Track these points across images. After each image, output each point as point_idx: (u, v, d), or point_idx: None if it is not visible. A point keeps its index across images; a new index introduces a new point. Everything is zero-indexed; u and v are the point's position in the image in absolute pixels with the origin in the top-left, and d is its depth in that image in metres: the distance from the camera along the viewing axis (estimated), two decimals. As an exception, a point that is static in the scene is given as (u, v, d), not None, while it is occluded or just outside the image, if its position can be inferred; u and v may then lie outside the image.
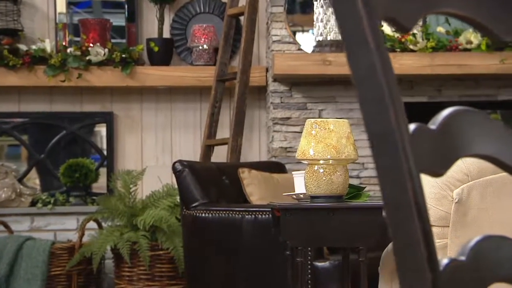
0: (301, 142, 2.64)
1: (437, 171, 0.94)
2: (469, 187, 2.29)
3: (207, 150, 4.93)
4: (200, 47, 5.15)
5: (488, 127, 1.02)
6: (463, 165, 2.25)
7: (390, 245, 2.74)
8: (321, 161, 2.59)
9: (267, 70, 5.11)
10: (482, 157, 1.04)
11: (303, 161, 2.67)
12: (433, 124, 0.94)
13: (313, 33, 4.83)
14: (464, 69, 4.60)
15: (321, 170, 2.60)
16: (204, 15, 5.34)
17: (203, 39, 5.14)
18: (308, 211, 2.63)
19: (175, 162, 3.98)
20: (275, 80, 4.87)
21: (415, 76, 4.72)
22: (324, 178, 2.59)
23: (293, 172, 2.91)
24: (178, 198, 4.61)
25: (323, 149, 2.58)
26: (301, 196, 2.79)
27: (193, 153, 5.21)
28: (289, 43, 4.87)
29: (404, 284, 0.92)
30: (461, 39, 4.64)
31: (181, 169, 3.90)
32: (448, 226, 2.35)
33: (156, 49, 5.15)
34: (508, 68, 4.59)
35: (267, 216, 3.60)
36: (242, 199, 4.06)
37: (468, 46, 4.63)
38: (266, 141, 5.24)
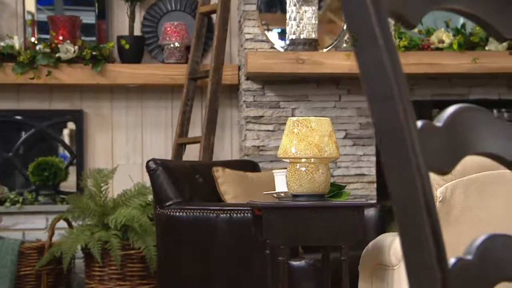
0: (283, 140, 2.62)
1: (444, 169, 0.93)
2: (453, 186, 2.29)
3: (179, 148, 4.90)
4: (172, 45, 5.11)
5: (492, 124, 1.02)
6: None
7: (370, 244, 2.73)
8: (303, 160, 2.58)
9: (239, 69, 5.09)
10: (487, 155, 1.04)
11: (285, 160, 2.66)
12: (438, 122, 0.93)
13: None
14: (436, 68, 4.62)
15: (303, 169, 2.59)
16: (176, 12, 5.30)
17: (174, 37, 5.10)
18: (291, 210, 2.61)
19: (149, 161, 3.95)
20: (248, 78, 4.85)
21: (388, 75, 4.72)
22: (306, 177, 2.57)
23: (273, 171, 2.89)
24: (150, 197, 4.58)
25: (305, 148, 2.57)
26: (282, 194, 2.77)
27: (165, 152, 5.17)
28: (262, 41, 4.85)
29: (413, 284, 0.90)
30: (433, 38, 4.65)
31: (154, 168, 3.87)
32: (432, 225, 2.35)
33: (127, 46, 5.10)
34: (479, 68, 4.63)
35: (242, 215, 3.58)
36: (216, 198, 4.03)
37: (440, 46, 4.65)
38: (238, 139, 5.22)
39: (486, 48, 4.66)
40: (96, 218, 4.56)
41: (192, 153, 4.94)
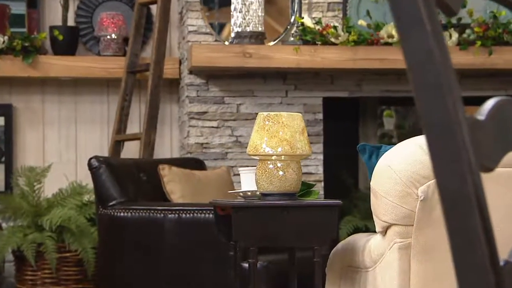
0: (252, 137, 2.49)
1: (488, 165, 0.83)
2: (434, 184, 2.19)
3: (117, 145, 4.68)
4: (108, 37, 4.89)
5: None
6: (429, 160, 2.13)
7: (339, 244, 2.62)
8: (274, 157, 2.45)
9: (180, 62, 4.90)
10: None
11: (254, 157, 2.52)
12: (480, 115, 0.83)
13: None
14: (385, 63, 4.51)
15: (274, 166, 2.46)
16: (111, 2, 5.08)
17: (111, 28, 4.88)
18: (262, 209, 2.48)
19: (91, 158, 3.76)
20: (191, 72, 4.67)
21: (337, 70, 4.62)
22: (277, 175, 2.45)
23: (239, 169, 2.75)
24: (86, 197, 4.39)
25: (277, 144, 2.44)
26: (249, 194, 2.64)
27: (100, 149, 4.94)
28: (206, 33, 4.67)
29: (463, 287, 0.80)
30: (382, 33, 4.55)
31: (97, 166, 3.67)
32: (412, 225, 2.25)
33: (60, 37, 4.86)
34: (427, 63, 4.54)
35: (191, 215, 3.43)
36: (161, 197, 3.86)
37: (390, 40, 4.56)
38: (178, 136, 5.04)
39: (434, 43, 4.58)
40: (29, 218, 4.34)
41: (129, 151, 4.73)
